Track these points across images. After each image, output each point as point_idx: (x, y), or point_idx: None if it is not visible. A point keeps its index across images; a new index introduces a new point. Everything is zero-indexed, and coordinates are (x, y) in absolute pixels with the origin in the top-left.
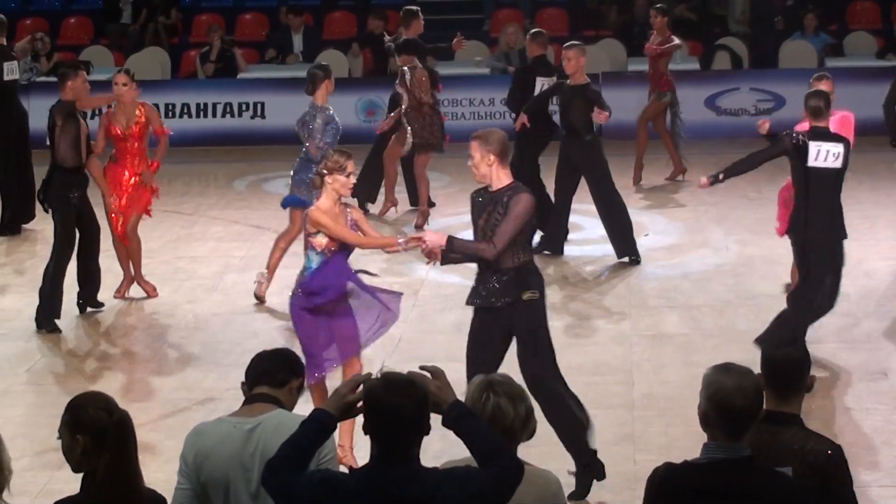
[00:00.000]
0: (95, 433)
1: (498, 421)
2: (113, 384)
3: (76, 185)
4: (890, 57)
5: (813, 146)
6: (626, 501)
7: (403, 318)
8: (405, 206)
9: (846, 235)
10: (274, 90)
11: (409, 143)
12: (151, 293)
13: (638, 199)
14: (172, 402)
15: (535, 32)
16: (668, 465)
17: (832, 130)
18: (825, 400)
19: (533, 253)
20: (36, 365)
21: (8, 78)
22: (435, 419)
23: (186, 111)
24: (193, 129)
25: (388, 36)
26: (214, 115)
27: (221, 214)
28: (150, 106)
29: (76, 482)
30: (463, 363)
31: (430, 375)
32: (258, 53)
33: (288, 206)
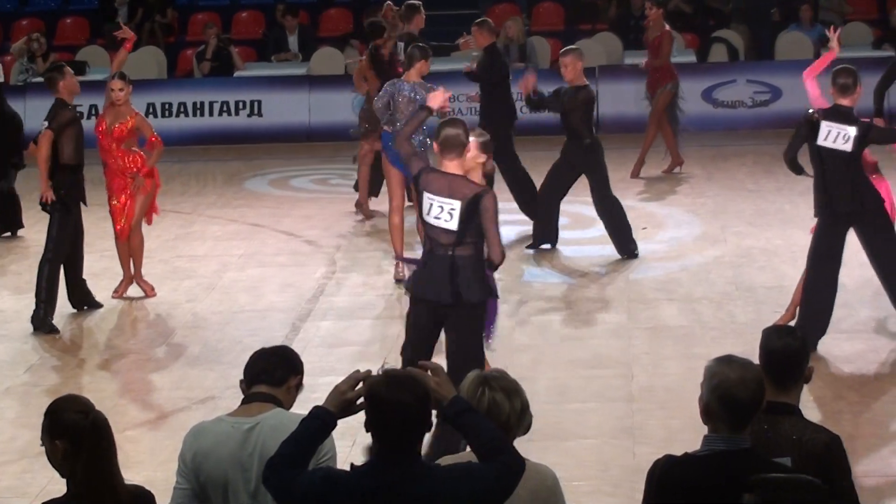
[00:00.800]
0: (73, 437)
1: (493, 415)
2: (112, 384)
3: (76, 184)
4: (886, 47)
5: (824, 126)
6: (626, 494)
7: (403, 314)
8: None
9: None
10: (271, 88)
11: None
12: (150, 293)
13: (636, 191)
14: (172, 401)
15: (479, 21)
16: (668, 457)
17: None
18: (823, 390)
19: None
20: (34, 366)
21: None
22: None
23: (183, 110)
24: (190, 127)
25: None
26: (211, 113)
27: (220, 213)
28: (142, 116)
29: None
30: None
31: (429, 372)
32: (255, 51)
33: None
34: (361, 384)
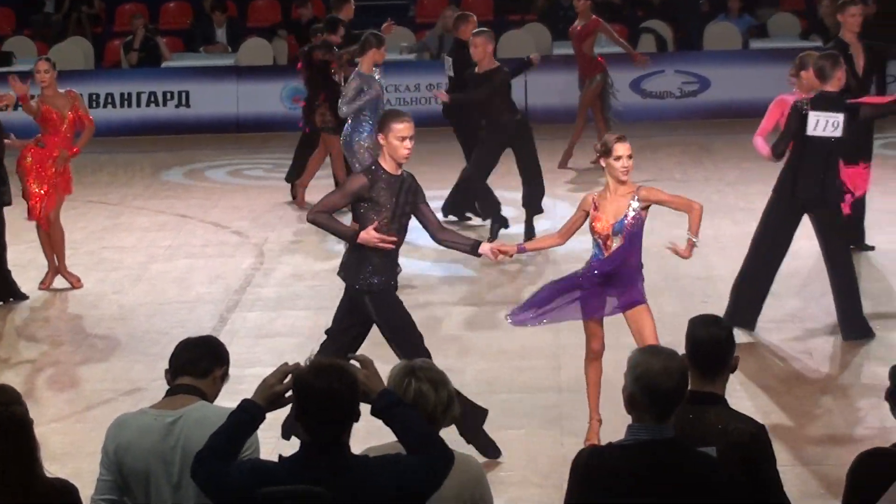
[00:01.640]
0: None
1: (420, 406)
2: (38, 376)
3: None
4: (814, 38)
5: (813, 115)
6: (554, 485)
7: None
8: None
9: (843, 199)
10: (199, 78)
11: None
12: (76, 284)
13: (564, 182)
14: (98, 393)
15: (459, 15)
16: (592, 447)
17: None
18: (750, 380)
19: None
20: None
21: None
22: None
23: (111, 101)
24: (118, 118)
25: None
26: (139, 104)
27: (147, 204)
28: (75, 92)
29: None
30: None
31: (359, 365)
32: (182, 42)
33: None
34: (290, 377)
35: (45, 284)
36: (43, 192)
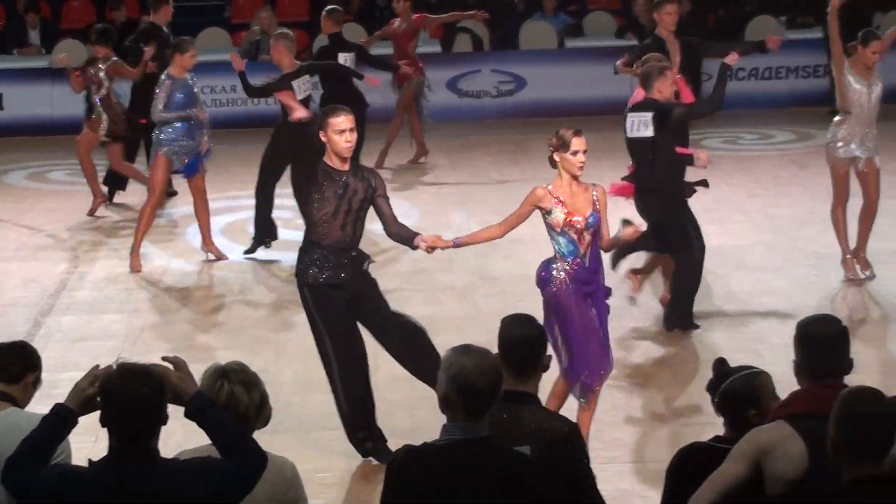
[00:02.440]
0: None
1: (231, 408)
2: None
3: None
4: (629, 36)
5: (629, 118)
6: (372, 486)
7: (144, 308)
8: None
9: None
10: (12, 81)
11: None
12: None
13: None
14: None
15: (329, 9)
16: (407, 447)
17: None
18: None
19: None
20: None
21: None
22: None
23: None
24: None
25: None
26: None
27: None
28: None
29: None
30: None
31: (171, 366)
32: None
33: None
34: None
35: None
36: None
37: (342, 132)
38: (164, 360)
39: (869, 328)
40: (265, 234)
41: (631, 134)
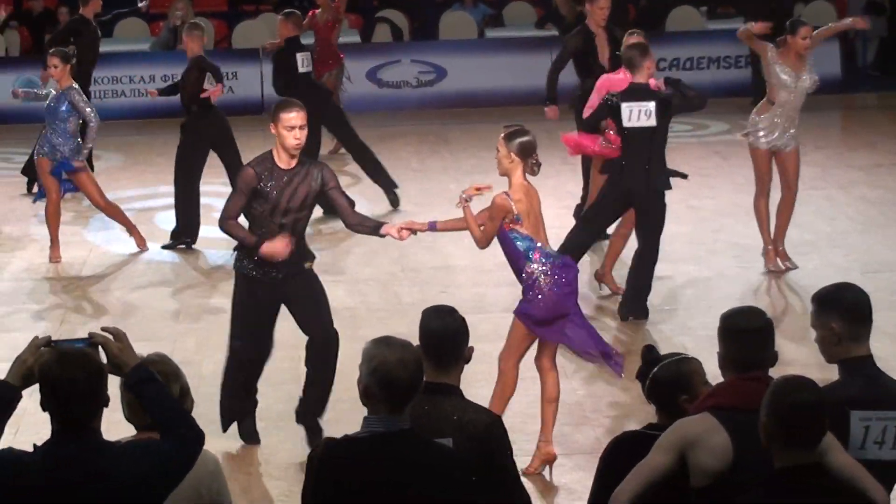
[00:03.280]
0: None
1: None
2: None
3: None
4: (549, 26)
5: (625, 107)
6: (292, 478)
7: (67, 299)
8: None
9: (669, 186)
10: None
11: None
12: None
13: None
14: None
15: (287, 13)
16: (328, 440)
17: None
18: (491, 369)
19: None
20: None
21: None
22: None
23: None
24: None
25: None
26: None
27: None
28: None
29: None
30: None
31: (111, 337)
32: None
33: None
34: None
35: None
36: None
37: (292, 129)
38: (104, 329)
39: (791, 320)
40: (186, 233)
41: (629, 123)
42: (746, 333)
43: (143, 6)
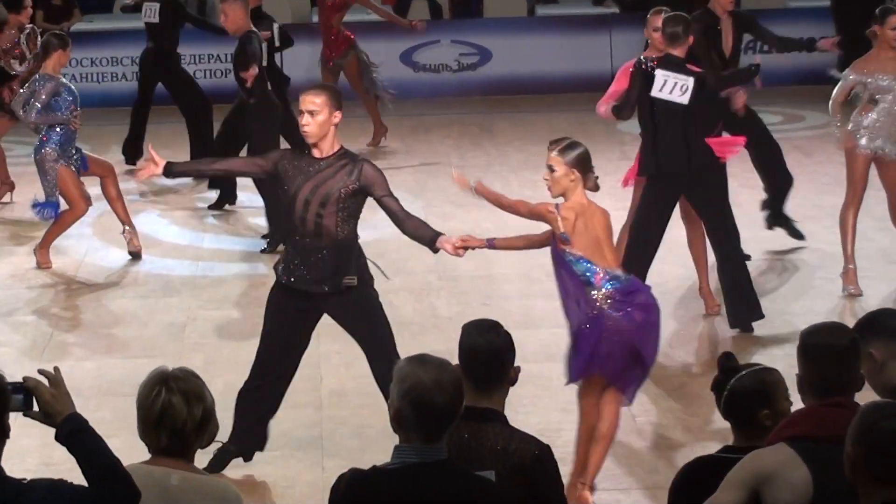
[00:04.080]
0: None
1: (167, 421)
2: None
3: None
4: (608, 4)
5: (660, 74)
6: None
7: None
8: None
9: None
10: None
11: None
12: None
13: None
14: None
15: None
16: (353, 471)
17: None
18: (539, 391)
19: None
20: None
21: None
22: None
23: None
24: None
25: None
26: None
27: None
28: None
29: None
30: None
31: (46, 381)
32: None
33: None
34: None
35: None
36: None
37: (300, 113)
38: (40, 373)
39: None
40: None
41: (659, 94)
42: (829, 353)
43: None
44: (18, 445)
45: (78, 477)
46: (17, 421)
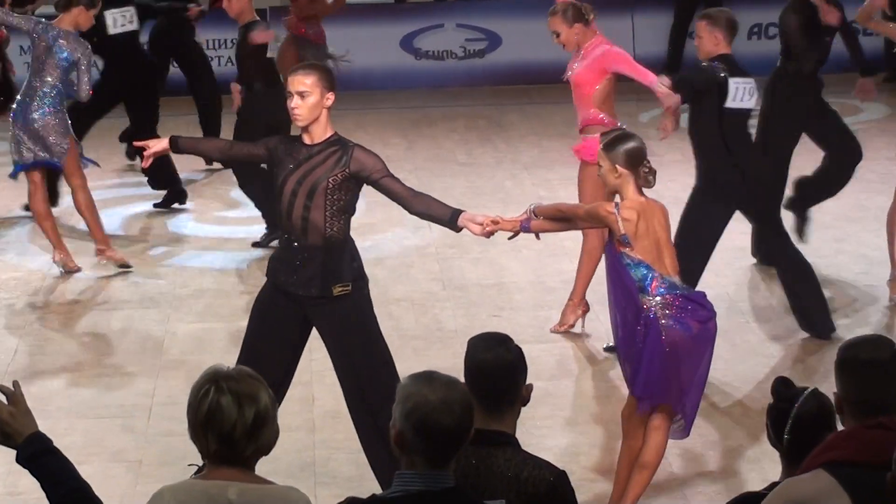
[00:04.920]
0: None
1: (214, 424)
2: None
3: None
4: None
5: (733, 84)
6: None
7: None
8: None
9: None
10: None
11: None
12: None
13: None
14: None
15: None
16: (351, 500)
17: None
18: (554, 412)
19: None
20: None
21: None
22: None
23: None
24: None
25: None
26: None
27: None
28: None
29: None
30: None
31: (4, 399)
32: None
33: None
34: None
35: None
36: None
37: (290, 95)
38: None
39: None
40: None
41: (733, 104)
42: (870, 368)
43: None
44: None
45: None
46: None
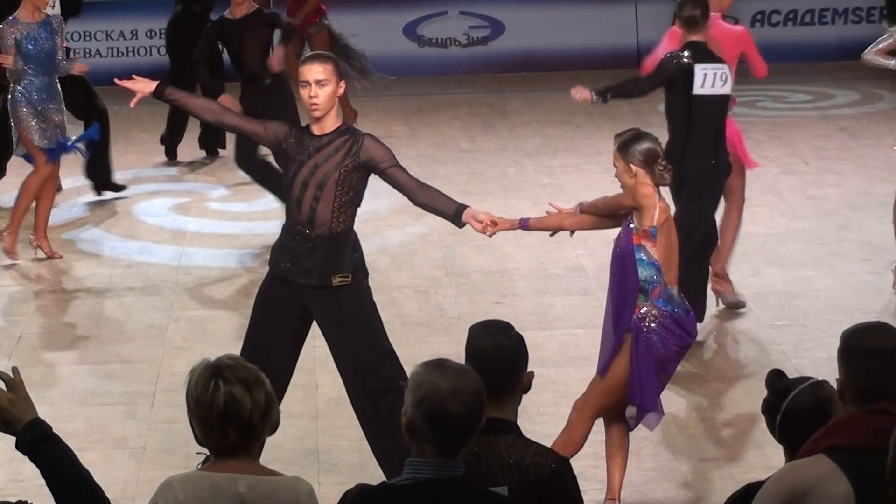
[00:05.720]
0: None
1: (232, 415)
2: None
3: None
4: None
5: (699, 70)
6: None
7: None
8: None
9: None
10: None
11: None
12: None
13: None
14: None
15: None
16: (361, 487)
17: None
18: (556, 399)
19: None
20: None
21: None
22: None
23: None
24: None
25: None
26: None
27: None
28: None
29: None
30: None
31: (3, 385)
32: None
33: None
34: None
35: None
36: None
37: (306, 85)
38: None
39: None
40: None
41: (702, 90)
42: (873, 355)
43: None
44: None
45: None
46: None
